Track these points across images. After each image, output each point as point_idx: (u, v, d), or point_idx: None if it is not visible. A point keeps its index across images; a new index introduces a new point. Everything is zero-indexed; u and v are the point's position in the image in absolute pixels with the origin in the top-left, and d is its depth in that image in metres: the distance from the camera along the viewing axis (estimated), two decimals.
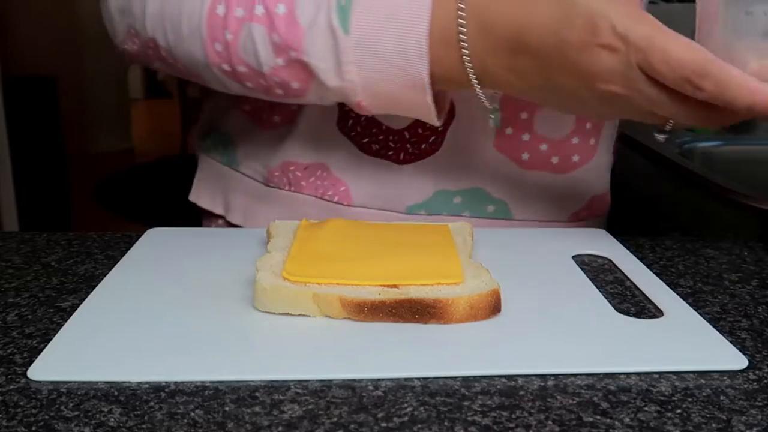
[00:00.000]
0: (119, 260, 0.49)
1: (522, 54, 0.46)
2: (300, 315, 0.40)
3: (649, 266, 0.50)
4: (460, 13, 0.47)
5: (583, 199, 0.66)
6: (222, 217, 0.69)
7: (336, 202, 0.62)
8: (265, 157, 0.64)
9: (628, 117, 0.47)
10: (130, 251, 0.50)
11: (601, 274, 0.49)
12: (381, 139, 0.60)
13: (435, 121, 0.52)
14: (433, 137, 0.60)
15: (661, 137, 0.48)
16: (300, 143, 0.62)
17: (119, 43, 0.59)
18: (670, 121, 0.46)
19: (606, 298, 0.44)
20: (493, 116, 0.52)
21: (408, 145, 0.60)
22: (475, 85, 0.49)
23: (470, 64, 0.48)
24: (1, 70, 2.61)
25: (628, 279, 0.48)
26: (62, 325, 0.39)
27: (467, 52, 0.47)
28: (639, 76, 0.43)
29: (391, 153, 0.60)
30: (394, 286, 0.41)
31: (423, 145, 0.60)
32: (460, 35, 0.47)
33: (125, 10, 0.56)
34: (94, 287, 0.44)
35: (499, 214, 0.63)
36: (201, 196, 0.71)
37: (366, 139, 0.61)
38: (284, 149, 0.63)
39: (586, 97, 0.46)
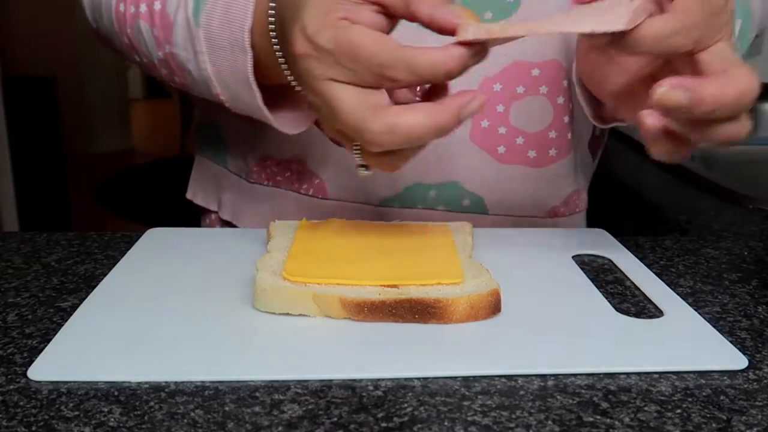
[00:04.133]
0: (119, 260, 0.49)
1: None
2: (300, 315, 0.40)
3: (649, 266, 0.50)
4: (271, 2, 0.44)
5: (560, 195, 0.64)
6: (217, 212, 0.70)
7: (311, 196, 0.62)
8: (247, 154, 0.65)
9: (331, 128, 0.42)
10: (130, 251, 0.50)
11: (601, 274, 0.49)
12: None
13: (277, 126, 0.49)
14: None
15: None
16: (276, 138, 0.61)
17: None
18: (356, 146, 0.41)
19: (606, 298, 0.44)
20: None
21: None
22: (288, 78, 0.44)
23: (278, 46, 0.43)
24: (1, 70, 2.61)
25: (628, 279, 0.48)
26: (62, 325, 0.39)
27: (274, 35, 0.43)
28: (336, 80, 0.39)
29: None
30: (394, 286, 0.41)
31: None
32: (270, 18, 0.43)
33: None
34: (94, 287, 0.44)
35: (474, 208, 0.62)
36: (196, 193, 0.72)
37: None
38: (263, 144, 0.63)
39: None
